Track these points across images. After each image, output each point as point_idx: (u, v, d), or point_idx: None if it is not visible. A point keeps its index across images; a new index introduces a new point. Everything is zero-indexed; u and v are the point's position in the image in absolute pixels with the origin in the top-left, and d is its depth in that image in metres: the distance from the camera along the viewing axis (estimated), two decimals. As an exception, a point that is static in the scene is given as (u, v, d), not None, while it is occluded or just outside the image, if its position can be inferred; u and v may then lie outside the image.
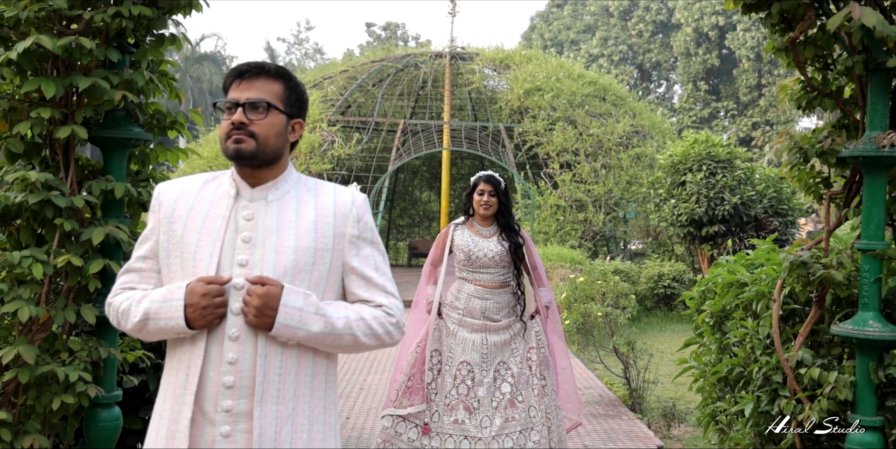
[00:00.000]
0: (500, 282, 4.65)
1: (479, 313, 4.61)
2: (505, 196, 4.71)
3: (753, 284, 3.71)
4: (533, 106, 18.22)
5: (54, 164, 3.28)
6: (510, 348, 4.63)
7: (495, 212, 4.71)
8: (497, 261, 4.63)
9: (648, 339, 9.86)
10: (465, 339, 4.59)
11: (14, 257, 3.03)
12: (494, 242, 4.66)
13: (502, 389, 4.55)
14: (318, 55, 51.29)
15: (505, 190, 4.72)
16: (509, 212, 4.75)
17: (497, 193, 4.68)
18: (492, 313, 4.62)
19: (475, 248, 4.65)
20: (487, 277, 4.63)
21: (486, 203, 4.68)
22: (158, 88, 3.40)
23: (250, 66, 2.04)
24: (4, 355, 3.01)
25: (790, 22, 3.34)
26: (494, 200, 4.68)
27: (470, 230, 4.76)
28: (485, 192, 4.70)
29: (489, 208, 4.67)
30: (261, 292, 1.91)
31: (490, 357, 4.57)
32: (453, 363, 4.56)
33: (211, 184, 2.10)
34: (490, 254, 4.63)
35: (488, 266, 4.63)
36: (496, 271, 4.64)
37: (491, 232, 4.72)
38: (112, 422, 3.40)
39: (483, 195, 4.70)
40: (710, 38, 37.06)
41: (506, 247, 4.64)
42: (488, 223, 4.75)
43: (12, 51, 2.98)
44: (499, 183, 4.70)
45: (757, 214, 12.89)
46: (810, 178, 3.52)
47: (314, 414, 2.02)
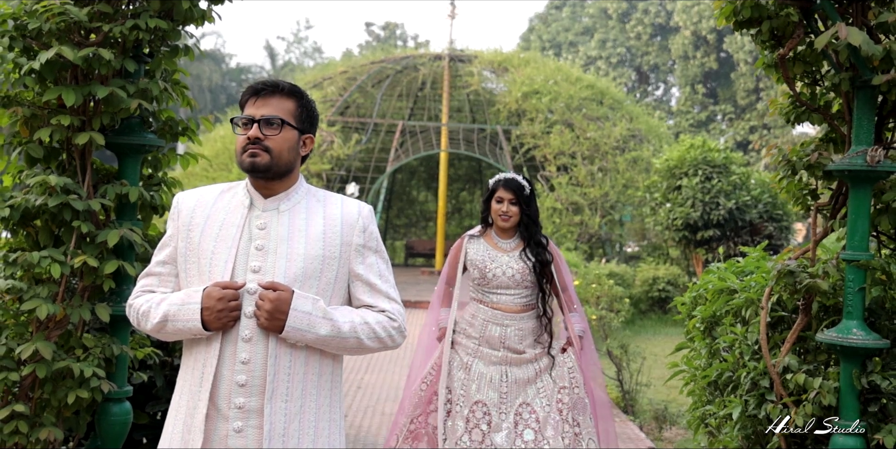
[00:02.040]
0: (521, 305, 3.92)
1: (499, 342, 3.88)
2: (529, 204, 3.97)
3: (743, 291, 3.82)
4: (531, 109, 18.36)
5: (71, 168, 3.41)
6: (536, 387, 3.85)
7: (517, 222, 3.99)
8: (518, 280, 3.91)
9: (642, 342, 9.99)
10: (480, 373, 3.86)
11: (33, 257, 3.16)
12: (515, 257, 3.94)
13: (525, 436, 3.78)
14: (317, 54, 51.35)
15: (530, 196, 3.99)
16: (535, 222, 4.00)
17: (519, 201, 3.95)
18: (513, 343, 3.88)
19: (492, 264, 3.93)
20: (506, 298, 3.91)
21: (506, 213, 3.94)
22: (172, 97, 3.53)
23: (265, 84, 2.18)
24: (23, 351, 3.14)
25: (780, 39, 3.46)
26: (516, 210, 3.95)
27: (487, 243, 4.03)
28: (504, 199, 3.96)
29: (509, 219, 3.95)
30: (273, 297, 2.04)
31: (510, 396, 3.82)
32: (466, 403, 3.81)
33: (226, 194, 2.23)
34: (510, 272, 3.91)
35: (507, 287, 3.91)
36: (516, 293, 3.92)
37: (512, 245, 4.00)
38: (123, 416, 3.52)
39: (502, 203, 3.96)
40: (709, 42, 37.21)
41: (529, 265, 3.91)
42: (509, 235, 4.03)
43: (35, 61, 3.11)
44: (521, 188, 3.97)
45: (752, 219, 13.03)
46: (798, 189, 3.64)
47: (321, 412, 2.15)
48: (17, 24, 3.22)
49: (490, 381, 3.83)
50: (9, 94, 3.32)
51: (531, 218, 3.98)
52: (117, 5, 3.37)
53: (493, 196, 4.00)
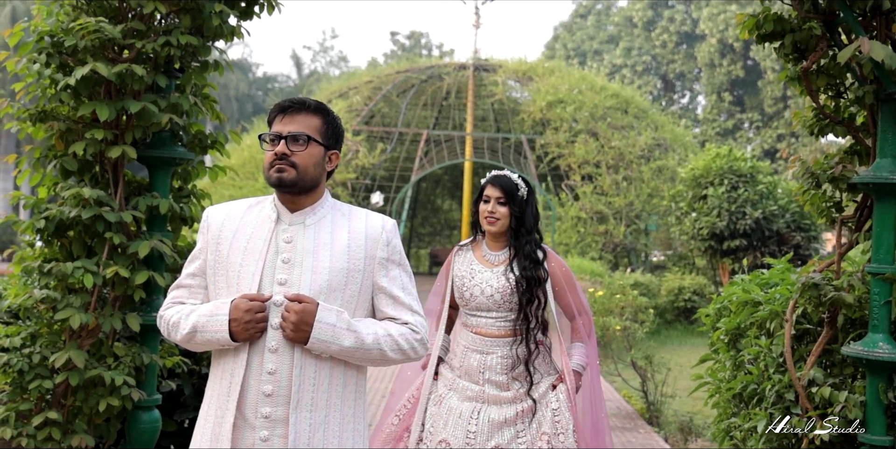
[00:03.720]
0: (506, 329, 3.26)
1: (478, 373, 3.26)
2: (521, 207, 3.29)
3: (767, 303, 3.81)
4: (555, 118, 18.36)
5: (104, 181, 3.50)
6: (514, 429, 3.22)
7: (506, 228, 3.30)
8: (498, 301, 3.24)
9: (668, 352, 9.93)
10: (450, 408, 3.28)
11: (67, 268, 3.25)
12: (499, 273, 3.27)
13: None
14: (342, 63, 51.74)
15: (525, 199, 3.32)
16: (528, 229, 3.30)
17: (508, 201, 3.27)
18: (496, 374, 3.24)
19: (470, 281, 3.30)
20: (486, 321, 3.27)
21: (492, 214, 3.27)
22: (202, 111, 3.61)
23: (292, 102, 2.24)
24: (57, 359, 3.22)
25: (803, 52, 3.47)
26: (504, 211, 3.26)
27: (474, 254, 3.39)
28: (491, 198, 3.29)
29: (495, 222, 3.27)
30: (298, 309, 2.09)
31: (480, 438, 3.19)
32: (432, 440, 3.26)
33: (254, 208, 2.29)
34: (488, 291, 3.26)
35: (487, 308, 3.27)
36: (499, 315, 3.27)
37: (501, 258, 3.33)
38: (152, 424, 3.59)
39: (489, 203, 3.29)
40: (735, 50, 36.98)
41: (511, 282, 3.24)
42: (499, 245, 3.34)
43: (71, 77, 3.21)
44: (513, 187, 3.29)
45: (779, 229, 12.91)
46: (822, 202, 3.63)
47: (345, 422, 2.19)
48: (54, 42, 3.32)
49: (459, 416, 3.24)
50: (45, 109, 3.42)
51: (522, 223, 3.28)
52: (150, 22, 3.47)
53: (481, 196, 3.35)
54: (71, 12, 3.42)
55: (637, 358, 6.98)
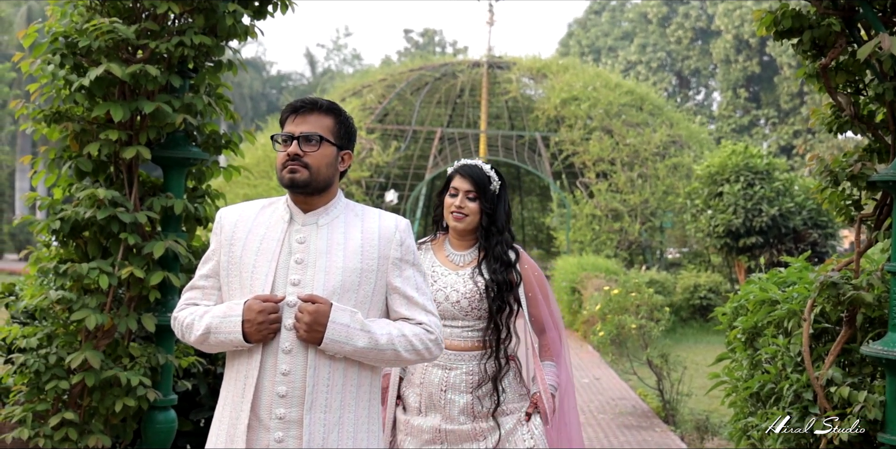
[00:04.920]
0: (476, 340, 2.84)
1: (439, 392, 2.80)
2: (493, 203, 2.87)
3: (785, 302, 3.78)
4: (569, 115, 18.30)
5: (119, 181, 3.51)
6: None
7: (475, 226, 2.88)
8: (465, 308, 2.83)
9: (683, 350, 9.88)
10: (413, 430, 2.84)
11: (82, 268, 3.26)
12: (466, 276, 2.85)
13: None
14: (356, 61, 51.85)
15: (497, 194, 2.89)
16: (500, 228, 2.88)
17: (479, 196, 2.85)
18: (457, 393, 2.79)
19: (433, 286, 2.86)
20: (450, 332, 2.83)
21: (460, 210, 2.85)
22: (215, 111, 3.62)
23: (304, 102, 2.23)
24: (73, 360, 3.24)
25: (821, 48, 3.43)
26: (474, 207, 2.84)
27: (436, 255, 2.96)
28: (459, 192, 2.86)
29: (462, 219, 2.84)
30: (311, 309, 2.08)
31: None
32: None
33: (267, 209, 2.29)
34: (454, 296, 2.83)
35: (453, 317, 2.84)
36: (466, 325, 2.84)
37: (467, 259, 2.91)
38: (168, 424, 3.61)
39: (456, 196, 2.86)
40: (751, 45, 36.71)
41: (481, 287, 2.82)
42: (465, 244, 2.92)
43: (85, 78, 3.22)
44: (485, 180, 2.87)
45: (796, 226, 12.81)
46: (841, 200, 3.59)
47: (359, 423, 2.18)
48: (68, 42, 3.33)
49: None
50: (60, 110, 3.44)
51: (494, 221, 2.86)
52: (163, 23, 3.47)
53: (447, 188, 2.93)
54: (85, 13, 3.43)
55: (653, 356, 6.95)
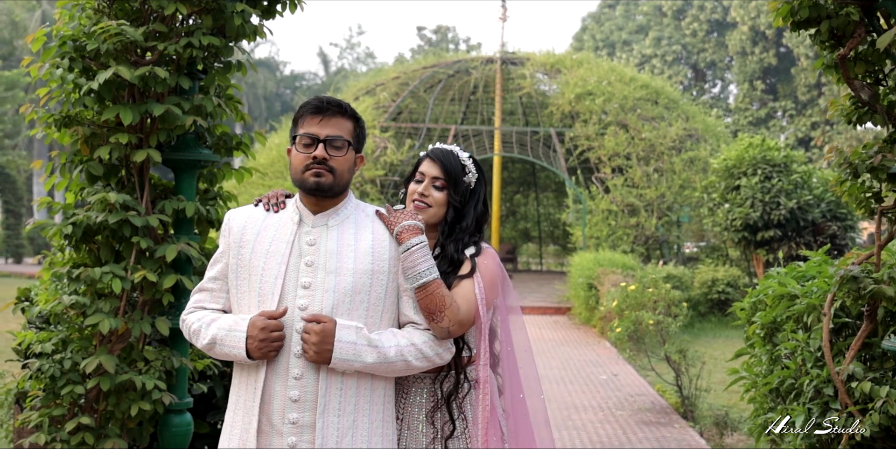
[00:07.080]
0: None
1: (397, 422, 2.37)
2: (464, 196, 2.44)
3: (804, 296, 3.73)
4: (584, 110, 18.20)
5: (130, 184, 3.50)
6: None
7: (438, 220, 2.42)
8: None
9: (702, 345, 9.81)
10: None
11: (95, 273, 3.25)
12: None
13: None
14: (369, 59, 51.86)
15: (472, 188, 2.46)
16: (465, 227, 2.42)
17: (448, 186, 2.42)
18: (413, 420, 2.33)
19: None
20: None
21: (422, 198, 2.41)
22: (226, 112, 3.60)
23: (330, 104, 2.19)
24: (87, 365, 3.23)
25: (840, 39, 3.37)
26: (440, 198, 2.41)
27: None
28: (426, 177, 2.43)
29: (424, 209, 2.40)
30: (318, 330, 2.07)
31: None
32: None
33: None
34: None
35: None
36: None
37: None
38: (184, 427, 3.60)
39: (421, 183, 2.43)
40: (767, 37, 36.35)
41: None
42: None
43: (94, 81, 3.20)
44: (458, 168, 2.44)
45: (814, 219, 12.67)
46: (861, 192, 3.53)
47: (373, 426, 2.16)
48: (77, 46, 3.32)
49: None
50: (69, 114, 3.43)
51: (460, 218, 2.41)
52: (171, 24, 3.45)
53: (415, 172, 2.48)
54: (92, 16, 3.41)
55: (671, 352, 6.89)
